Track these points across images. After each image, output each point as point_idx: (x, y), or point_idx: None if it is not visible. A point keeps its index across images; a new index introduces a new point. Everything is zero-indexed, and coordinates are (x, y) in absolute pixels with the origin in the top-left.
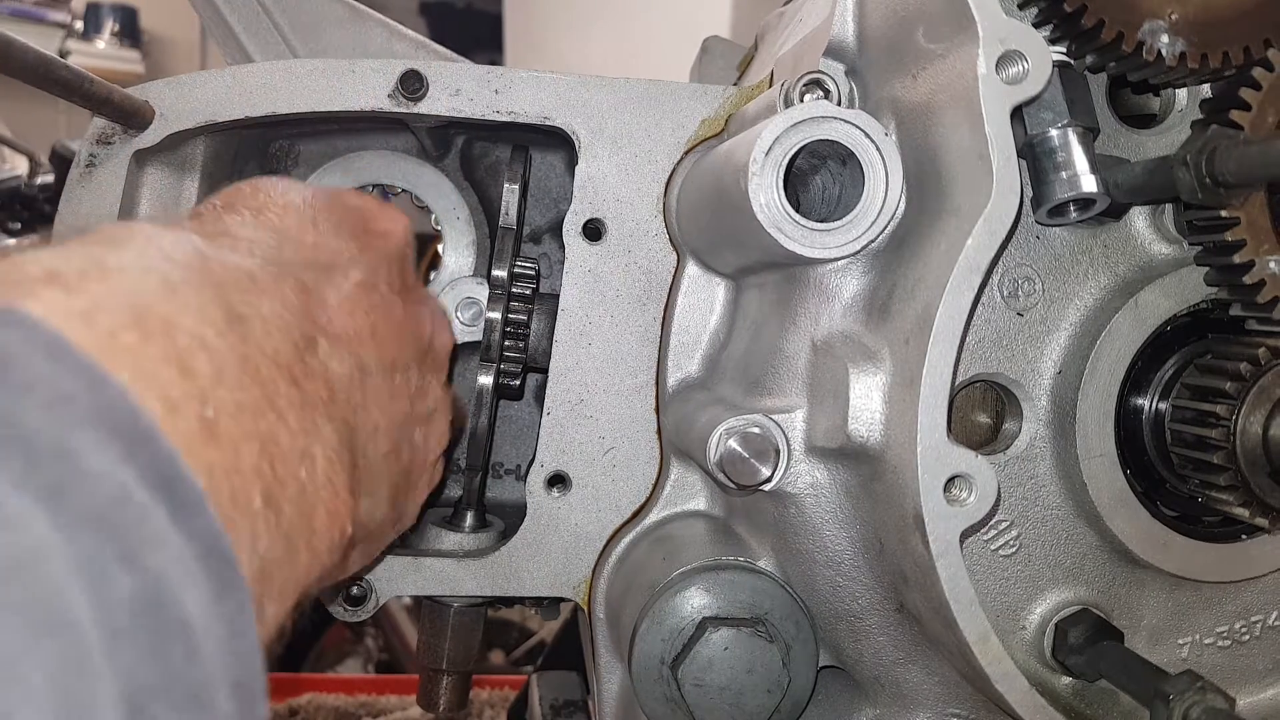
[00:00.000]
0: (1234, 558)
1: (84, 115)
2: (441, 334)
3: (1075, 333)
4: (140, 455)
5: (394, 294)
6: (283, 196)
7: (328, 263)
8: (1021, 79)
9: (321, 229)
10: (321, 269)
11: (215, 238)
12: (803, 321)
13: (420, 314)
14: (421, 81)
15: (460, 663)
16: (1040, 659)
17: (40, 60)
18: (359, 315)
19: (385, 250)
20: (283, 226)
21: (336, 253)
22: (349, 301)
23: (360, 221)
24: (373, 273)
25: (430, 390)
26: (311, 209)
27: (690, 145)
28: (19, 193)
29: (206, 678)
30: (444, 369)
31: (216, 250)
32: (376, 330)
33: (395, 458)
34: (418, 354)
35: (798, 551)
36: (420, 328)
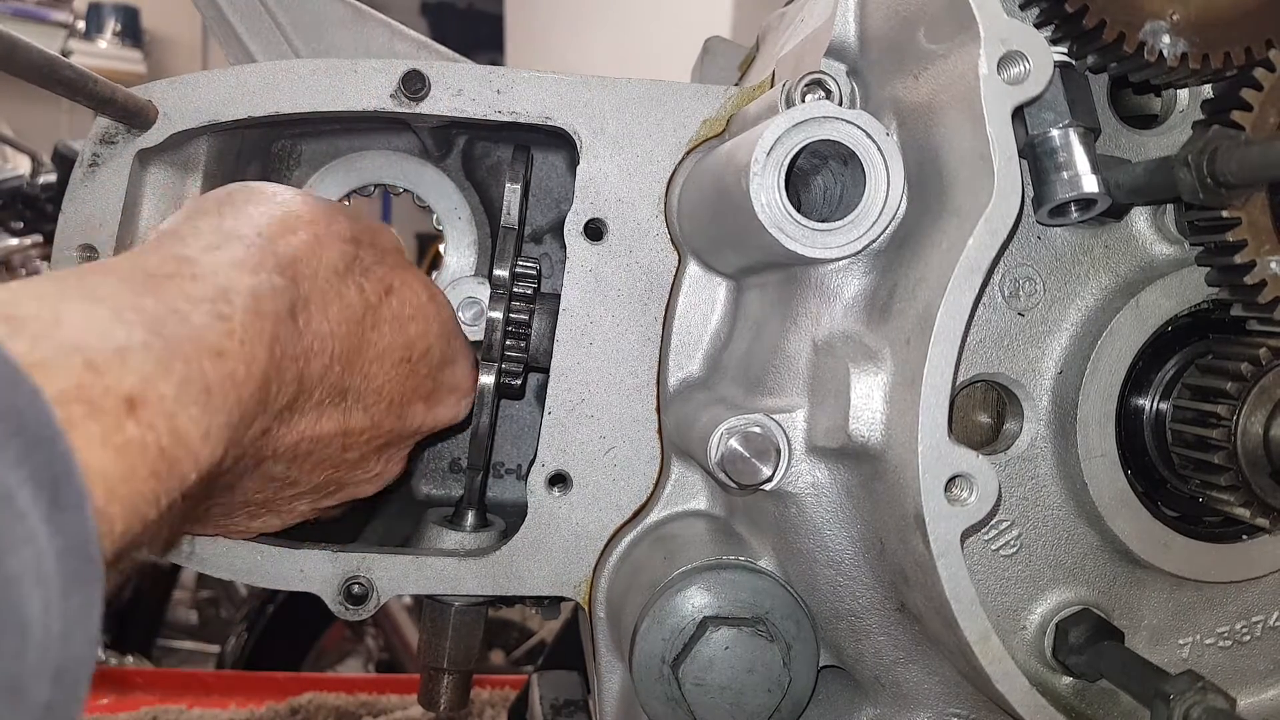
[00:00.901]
0: (1235, 558)
1: (86, 115)
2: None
3: (1076, 333)
4: (36, 455)
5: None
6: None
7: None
8: (1023, 79)
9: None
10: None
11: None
12: (804, 321)
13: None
14: (424, 81)
15: (461, 662)
16: (1041, 659)
17: (45, 60)
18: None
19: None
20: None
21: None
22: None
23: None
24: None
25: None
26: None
27: (692, 145)
28: (21, 192)
29: (27, 669)
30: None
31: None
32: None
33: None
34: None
35: (798, 551)
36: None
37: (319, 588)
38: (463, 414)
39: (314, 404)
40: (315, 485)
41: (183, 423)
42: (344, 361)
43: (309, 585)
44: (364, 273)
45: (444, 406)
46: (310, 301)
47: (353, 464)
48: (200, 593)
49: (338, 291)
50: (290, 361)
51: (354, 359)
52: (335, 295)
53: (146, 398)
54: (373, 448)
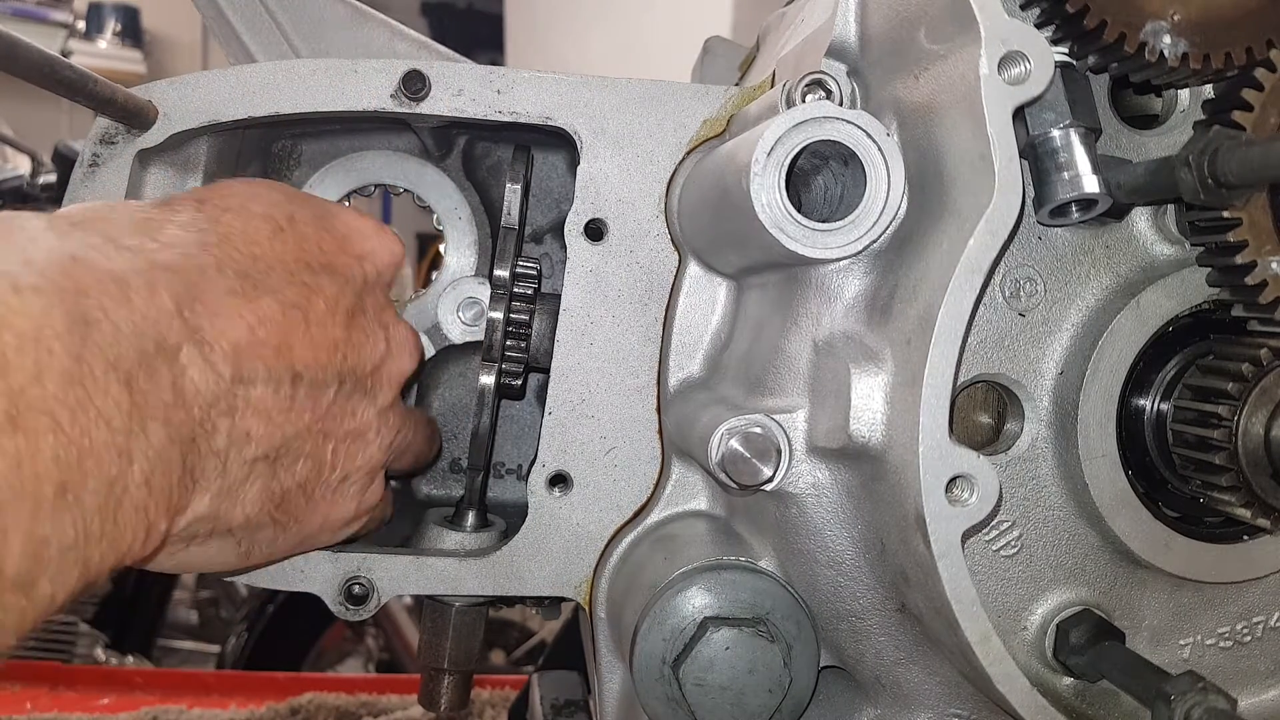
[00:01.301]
0: (1236, 558)
1: (86, 115)
2: (395, 361)
3: (1077, 333)
4: None
5: (333, 315)
6: (258, 201)
7: (260, 272)
8: (1023, 79)
9: (284, 240)
10: (244, 277)
11: (123, 236)
12: (804, 322)
13: (366, 340)
14: (424, 81)
15: (462, 662)
16: (1042, 659)
17: (45, 60)
18: (263, 328)
19: (349, 273)
20: (234, 230)
21: (279, 265)
22: (254, 312)
23: (339, 241)
24: (311, 291)
25: (358, 411)
26: (286, 219)
27: (692, 145)
28: (21, 192)
29: None
30: (386, 394)
31: (96, 254)
32: (285, 344)
33: (273, 466)
34: (345, 374)
35: (799, 551)
36: (360, 351)
37: (319, 588)
38: (394, 245)
39: (224, 291)
40: (310, 453)
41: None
42: (219, 250)
43: (309, 585)
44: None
45: (366, 241)
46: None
47: (330, 379)
48: (200, 593)
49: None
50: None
51: (227, 247)
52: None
53: None
54: (340, 325)
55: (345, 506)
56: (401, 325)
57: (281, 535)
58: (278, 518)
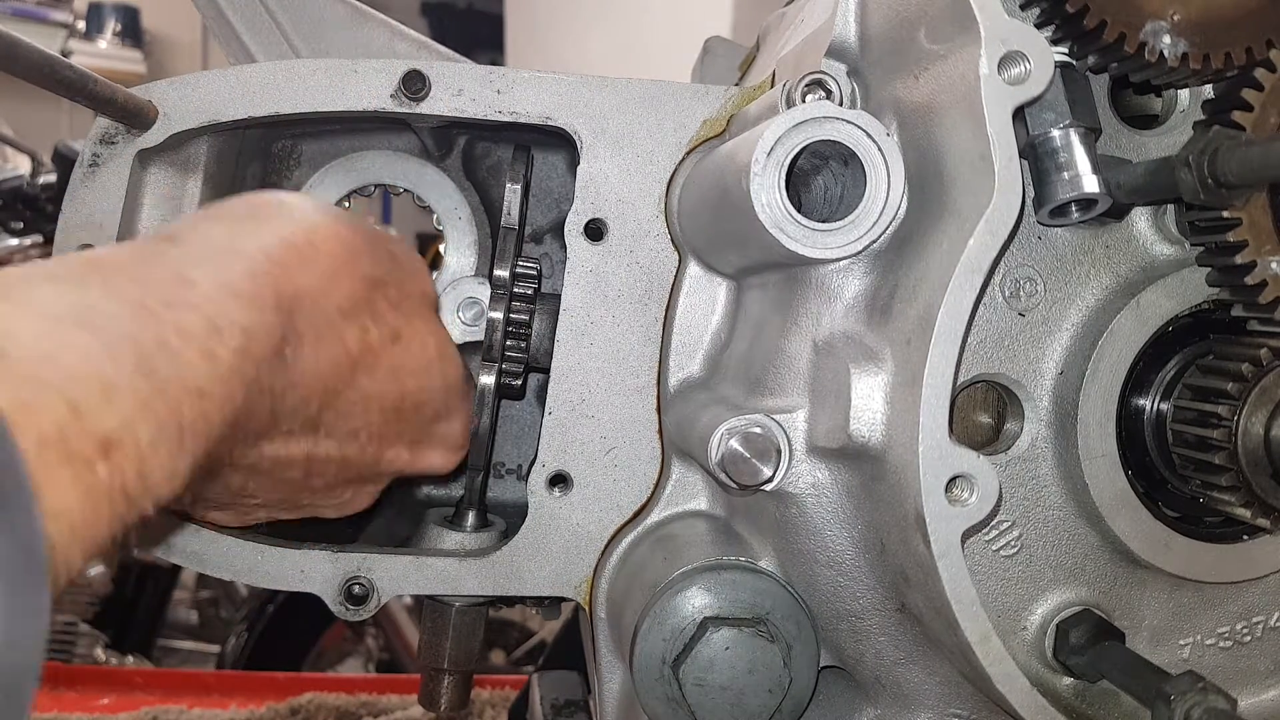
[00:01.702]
0: (1235, 558)
1: (86, 115)
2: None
3: (1077, 333)
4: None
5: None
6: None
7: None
8: (1023, 79)
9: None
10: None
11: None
12: (804, 322)
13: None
14: (424, 81)
15: (462, 662)
16: (1041, 659)
17: (45, 60)
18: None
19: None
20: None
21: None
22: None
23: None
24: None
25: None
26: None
27: (692, 145)
28: (21, 192)
29: None
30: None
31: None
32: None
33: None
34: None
35: (799, 552)
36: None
37: (319, 588)
38: (450, 466)
39: (283, 433)
40: (274, 501)
41: (152, 467)
42: (323, 399)
43: (309, 585)
44: (374, 316)
45: (430, 456)
46: (303, 338)
47: (316, 490)
48: (200, 593)
49: (337, 332)
50: (266, 396)
51: (335, 398)
52: (333, 336)
53: (123, 441)
54: (341, 479)
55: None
56: (367, 498)
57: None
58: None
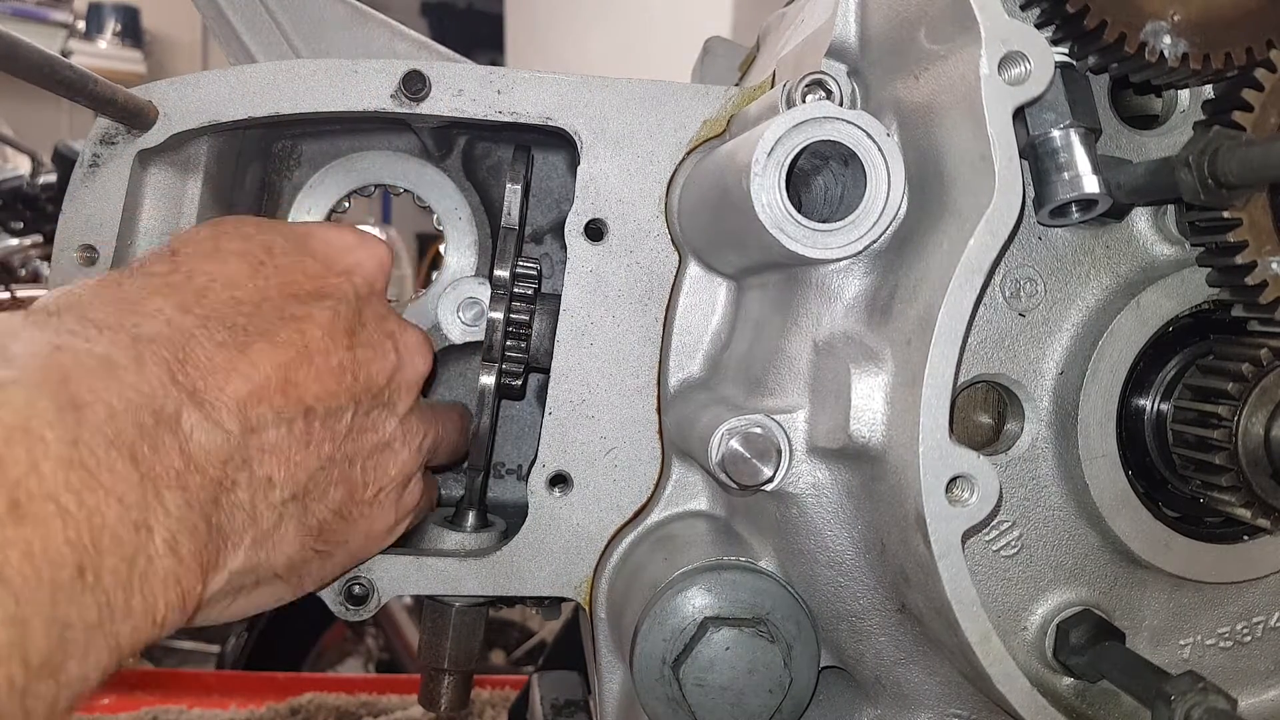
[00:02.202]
0: (1236, 559)
1: (87, 115)
2: (409, 367)
3: (1077, 333)
4: None
5: (333, 338)
6: (230, 239)
7: (246, 315)
8: (1024, 80)
9: (265, 275)
10: (230, 327)
11: (103, 317)
12: (804, 322)
13: (374, 354)
14: (424, 82)
15: (462, 662)
16: (1042, 660)
17: (45, 60)
18: (260, 371)
19: (340, 292)
20: (213, 279)
21: (266, 303)
22: (249, 360)
23: (321, 261)
24: (303, 321)
25: (380, 426)
26: (264, 252)
27: (692, 146)
28: (21, 192)
29: None
30: (404, 401)
31: (77, 339)
32: (289, 383)
33: (303, 503)
34: (359, 394)
35: (799, 552)
36: (369, 368)
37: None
38: (382, 251)
39: (219, 342)
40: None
41: None
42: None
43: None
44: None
45: (349, 251)
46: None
47: (351, 391)
48: None
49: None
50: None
51: (201, 295)
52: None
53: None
54: (341, 346)
55: (385, 517)
56: (408, 329)
57: (329, 561)
58: (320, 549)
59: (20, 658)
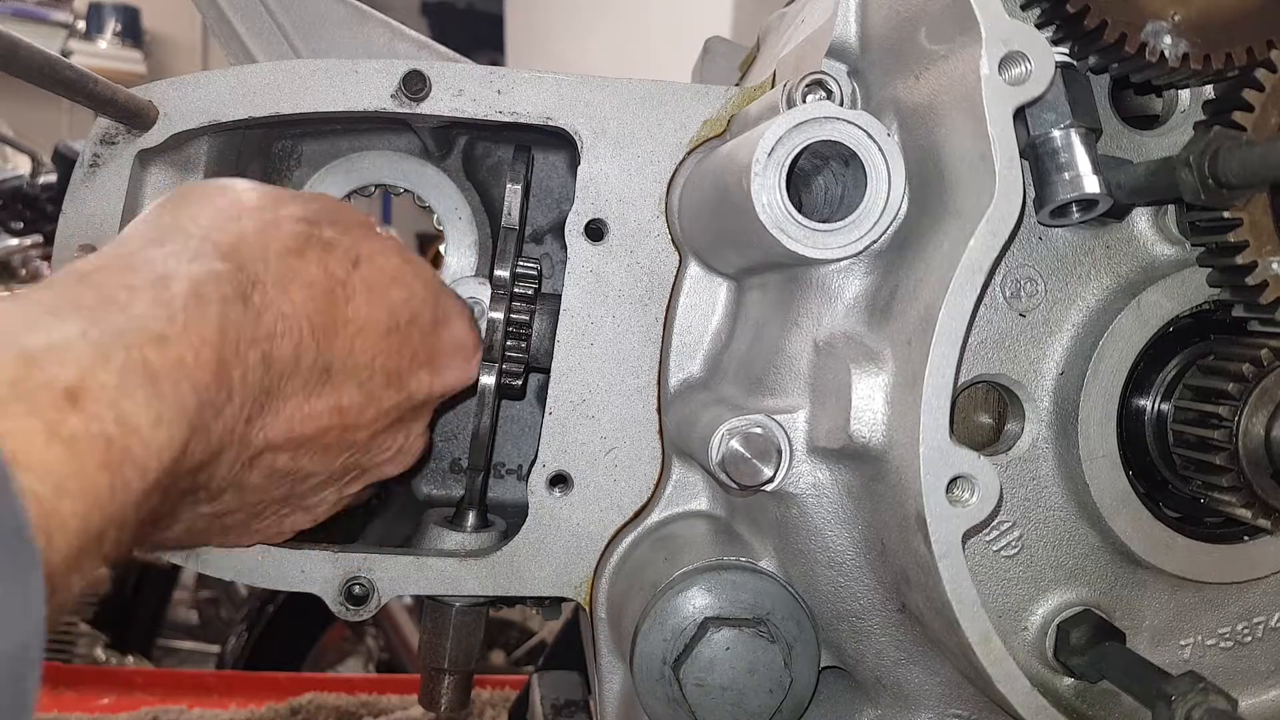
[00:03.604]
0: (1236, 559)
1: (87, 115)
2: (388, 466)
3: (1078, 334)
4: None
5: (373, 425)
6: (399, 286)
7: (340, 370)
8: (1024, 80)
9: (389, 345)
10: (324, 371)
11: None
12: (805, 322)
13: (379, 449)
14: (424, 82)
15: (462, 662)
16: (1042, 660)
17: (45, 60)
18: (306, 424)
19: (417, 395)
20: (357, 317)
21: (364, 367)
22: (304, 407)
23: (431, 354)
24: (370, 402)
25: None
26: (407, 320)
27: (692, 146)
28: (21, 192)
29: None
30: (355, 485)
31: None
32: (315, 440)
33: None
34: (346, 467)
35: (799, 552)
36: (366, 456)
37: (320, 588)
38: (473, 374)
39: (296, 387)
40: (332, 472)
41: (129, 410)
42: (319, 339)
43: (310, 586)
44: (325, 248)
45: (450, 369)
46: (264, 283)
47: (364, 444)
48: (200, 593)
49: (295, 270)
50: (249, 345)
51: (331, 336)
52: (293, 274)
53: (88, 388)
54: (382, 425)
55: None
56: (419, 438)
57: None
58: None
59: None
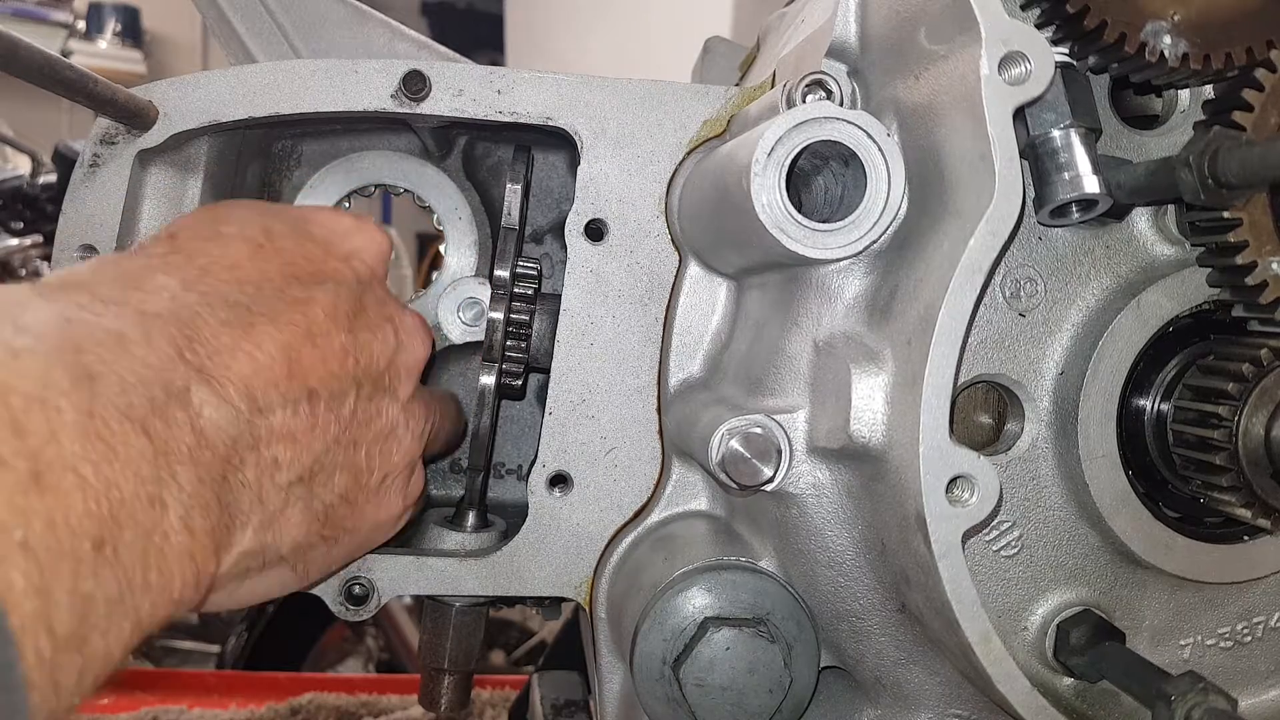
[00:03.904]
0: (1236, 559)
1: (87, 115)
2: (408, 351)
3: (1077, 334)
4: None
5: (335, 321)
6: (229, 223)
7: (249, 296)
8: (1024, 80)
9: (265, 257)
10: (234, 306)
11: (110, 293)
12: (805, 322)
13: (374, 337)
14: (424, 82)
15: (462, 662)
16: (1042, 660)
17: (46, 60)
18: (265, 351)
19: (340, 276)
20: (213, 259)
21: (268, 285)
22: (253, 340)
23: (322, 246)
24: (306, 304)
25: (383, 411)
26: (263, 235)
27: (692, 146)
28: (21, 192)
29: None
30: (406, 386)
31: (86, 313)
32: (294, 364)
33: (309, 486)
34: (361, 378)
35: (799, 552)
36: (370, 351)
37: (319, 588)
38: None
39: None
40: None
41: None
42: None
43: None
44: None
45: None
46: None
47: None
48: None
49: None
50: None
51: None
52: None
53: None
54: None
55: (392, 504)
56: (407, 313)
57: (335, 548)
58: (326, 534)
59: (46, 629)
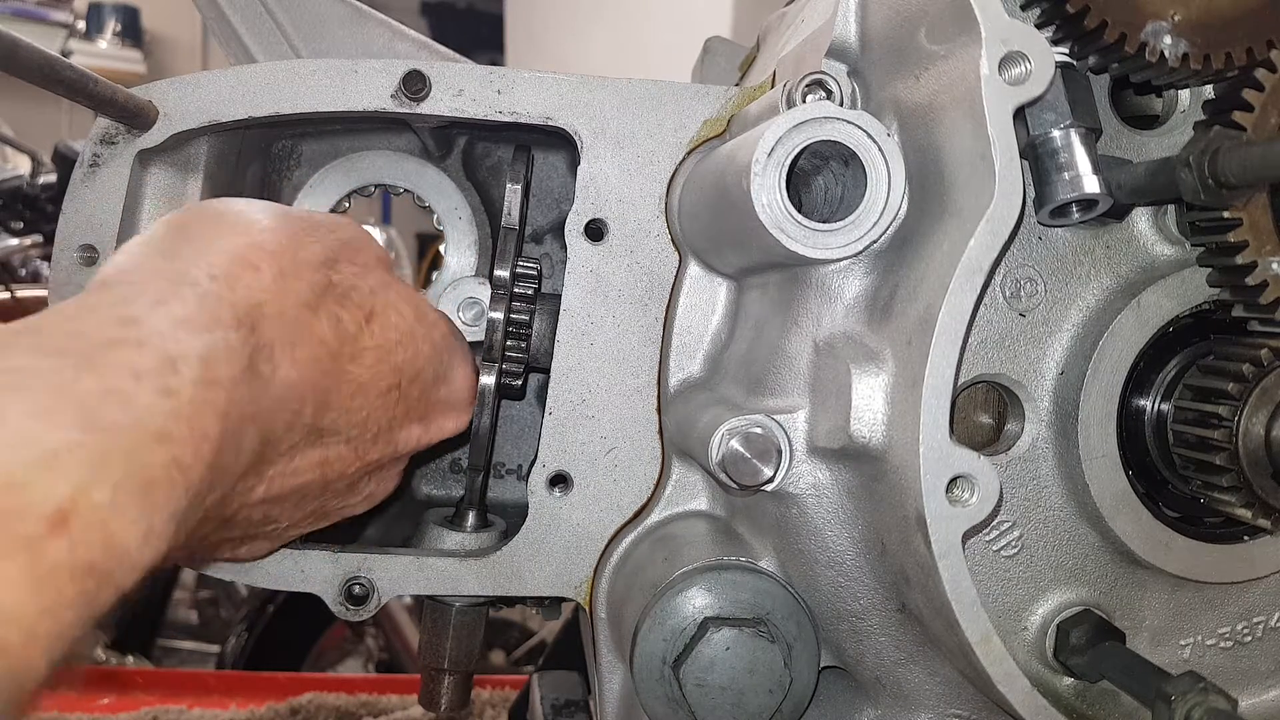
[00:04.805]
0: (1236, 559)
1: (87, 115)
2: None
3: (1078, 334)
4: None
5: (354, 463)
6: (405, 346)
7: (331, 425)
8: (1024, 80)
9: (386, 404)
10: (318, 433)
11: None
12: (805, 322)
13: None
14: (424, 82)
15: (462, 662)
16: (1042, 660)
17: (45, 60)
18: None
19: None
20: (361, 380)
21: (358, 425)
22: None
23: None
24: (357, 453)
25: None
26: (410, 380)
27: (692, 146)
28: (21, 192)
29: None
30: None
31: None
32: (320, 401)
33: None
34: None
35: (799, 552)
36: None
37: (319, 588)
38: (464, 425)
39: (284, 451)
40: (301, 518)
41: (118, 529)
42: (317, 403)
43: (309, 586)
44: (340, 300)
45: (441, 423)
46: (274, 347)
47: (340, 493)
48: (200, 593)
49: (308, 328)
50: (250, 423)
51: (330, 397)
52: (305, 333)
53: (77, 509)
54: (361, 475)
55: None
56: (392, 480)
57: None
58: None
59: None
